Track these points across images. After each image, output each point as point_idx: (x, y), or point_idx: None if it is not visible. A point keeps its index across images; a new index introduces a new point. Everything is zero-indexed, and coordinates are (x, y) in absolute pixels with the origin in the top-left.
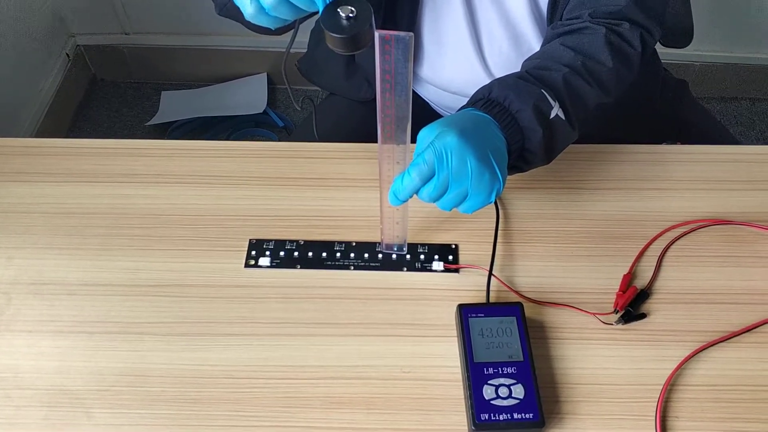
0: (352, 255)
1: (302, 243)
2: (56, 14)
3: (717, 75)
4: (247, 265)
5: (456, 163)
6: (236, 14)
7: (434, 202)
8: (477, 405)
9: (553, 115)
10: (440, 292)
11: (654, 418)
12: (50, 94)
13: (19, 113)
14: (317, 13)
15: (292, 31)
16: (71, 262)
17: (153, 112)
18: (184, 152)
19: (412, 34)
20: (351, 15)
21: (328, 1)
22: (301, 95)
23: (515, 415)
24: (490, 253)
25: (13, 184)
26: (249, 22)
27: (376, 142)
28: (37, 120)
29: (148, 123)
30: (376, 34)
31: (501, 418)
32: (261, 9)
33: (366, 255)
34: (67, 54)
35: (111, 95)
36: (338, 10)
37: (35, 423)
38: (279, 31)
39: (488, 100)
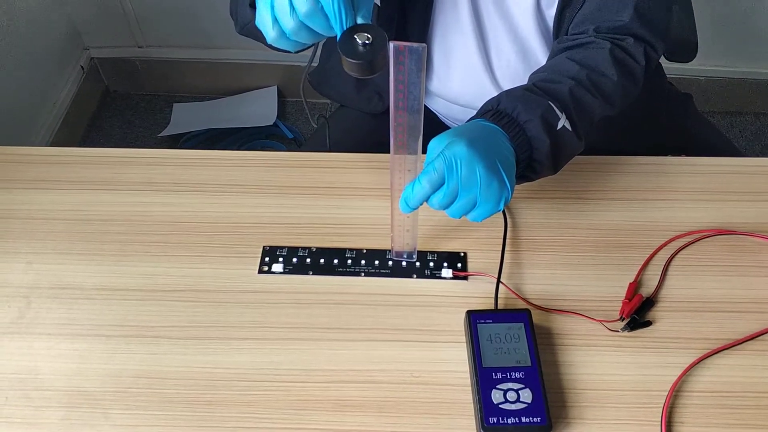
0: (362, 262)
1: (314, 250)
2: (71, 28)
3: (722, 89)
4: (260, 271)
5: (465, 171)
6: (257, 35)
7: (444, 209)
8: (486, 409)
9: (560, 126)
10: (449, 298)
11: (659, 423)
12: (65, 105)
13: (34, 124)
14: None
15: (312, 48)
16: (89, 268)
17: (164, 123)
18: (199, 161)
19: (425, 45)
20: (367, 41)
21: (345, 28)
22: (311, 108)
23: (523, 419)
24: (498, 260)
25: (33, 192)
26: (270, 44)
27: (385, 152)
28: (52, 131)
29: (160, 134)
30: (390, 44)
31: (509, 421)
32: (282, 34)
33: (376, 262)
34: (81, 66)
35: (123, 107)
36: (355, 36)
37: (54, 423)
38: (298, 52)
39: (497, 111)
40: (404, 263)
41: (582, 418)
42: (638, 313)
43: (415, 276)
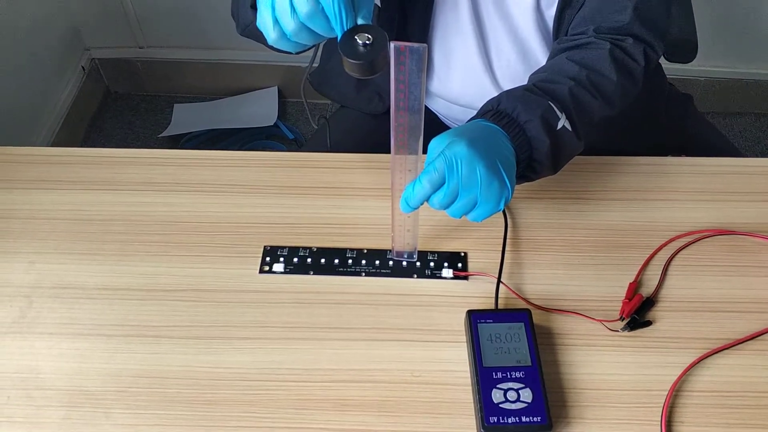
0: (363, 262)
1: (315, 250)
2: (72, 28)
3: (722, 90)
4: (261, 271)
5: (466, 171)
6: (258, 36)
7: (444, 209)
8: (486, 408)
9: (559, 126)
10: (449, 298)
11: (659, 423)
12: (66, 105)
13: (35, 124)
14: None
15: (313, 49)
16: (91, 267)
17: (165, 124)
18: (200, 161)
19: (425, 45)
20: (367, 42)
21: (346, 29)
22: (312, 108)
23: (523, 419)
24: (499, 260)
25: (34, 192)
26: (271, 45)
27: (385, 152)
28: (53, 131)
29: (161, 135)
30: (391, 45)
31: (509, 421)
32: (283, 35)
33: (377, 262)
34: (82, 67)
35: (124, 107)
36: (355, 37)
37: (55, 422)
38: (299, 53)
39: (497, 111)
40: (405, 263)
41: (582, 418)
42: (638, 313)
43: (415, 276)
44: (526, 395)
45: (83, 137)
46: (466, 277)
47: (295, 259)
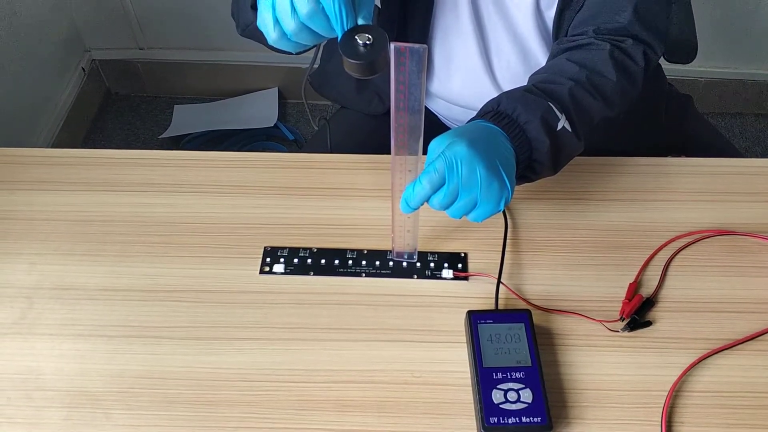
0: (363, 262)
1: (315, 250)
2: (72, 30)
3: (722, 90)
4: (261, 272)
5: (466, 171)
6: (259, 36)
7: (444, 210)
8: (486, 409)
9: (559, 126)
10: (450, 299)
11: (659, 423)
12: (66, 107)
13: (36, 125)
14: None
15: (313, 50)
16: (91, 268)
17: (166, 125)
18: (200, 162)
19: (425, 46)
20: (368, 42)
21: (346, 29)
22: (312, 109)
23: (524, 419)
24: (499, 261)
25: (35, 193)
26: (272, 45)
27: (386, 153)
28: (53, 132)
29: (161, 136)
30: (392, 45)
31: (510, 421)
32: (284, 35)
33: (377, 263)
34: (82, 68)
35: (124, 109)
36: (356, 37)
37: (56, 423)
38: (299, 53)
39: (497, 112)
40: (405, 264)
41: (582, 418)
42: (638, 313)
43: (415, 276)
44: (527, 396)
45: (84, 138)
46: (466, 278)
47: (296, 260)
